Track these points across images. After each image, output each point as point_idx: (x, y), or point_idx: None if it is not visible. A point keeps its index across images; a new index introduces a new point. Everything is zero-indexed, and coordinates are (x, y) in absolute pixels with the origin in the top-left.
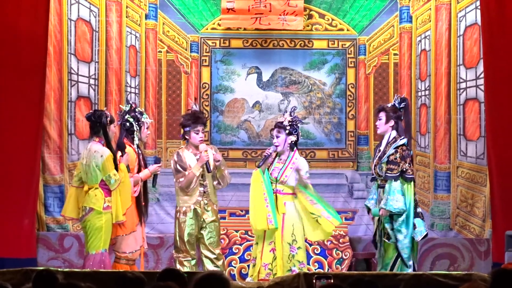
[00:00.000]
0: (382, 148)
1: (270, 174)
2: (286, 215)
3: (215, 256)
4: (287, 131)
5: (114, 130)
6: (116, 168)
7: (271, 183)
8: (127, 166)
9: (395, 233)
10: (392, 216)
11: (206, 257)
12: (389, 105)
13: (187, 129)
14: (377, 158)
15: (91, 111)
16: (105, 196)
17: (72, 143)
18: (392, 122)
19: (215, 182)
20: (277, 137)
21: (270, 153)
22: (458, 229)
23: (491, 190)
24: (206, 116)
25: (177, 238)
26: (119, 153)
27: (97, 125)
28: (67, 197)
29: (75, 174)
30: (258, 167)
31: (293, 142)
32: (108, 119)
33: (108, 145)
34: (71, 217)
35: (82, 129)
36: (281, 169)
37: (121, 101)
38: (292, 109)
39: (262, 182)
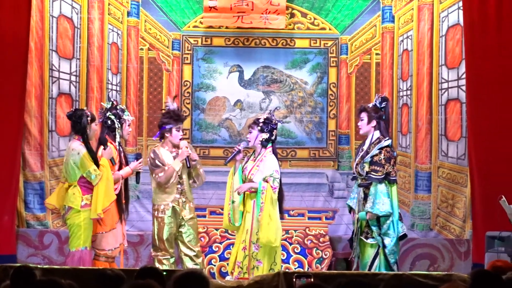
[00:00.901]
0: (365, 147)
1: (243, 171)
2: (252, 213)
3: (194, 254)
4: (259, 128)
5: (95, 128)
6: (97, 164)
7: (243, 180)
8: (112, 159)
9: (382, 237)
10: (379, 219)
11: (186, 255)
12: (370, 105)
13: (169, 126)
14: (359, 157)
15: (72, 110)
16: (82, 194)
17: (53, 139)
18: (374, 122)
19: (190, 181)
20: (250, 132)
21: (239, 150)
22: (438, 229)
23: (471, 190)
24: (187, 114)
25: (156, 237)
26: (101, 148)
27: (78, 124)
28: (56, 189)
29: (62, 171)
30: (225, 163)
31: (264, 140)
32: (89, 118)
33: (85, 144)
34: (53, 205)
35: (63, 126)
36: (251, 166)
37: (102, 98)
38: (274, 109)
39: (231, 179)
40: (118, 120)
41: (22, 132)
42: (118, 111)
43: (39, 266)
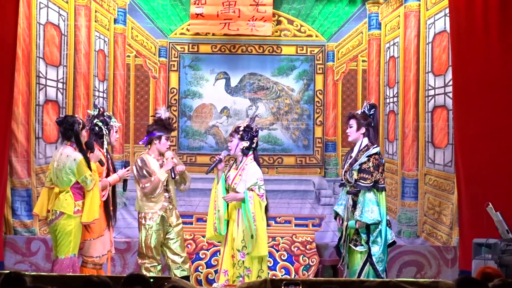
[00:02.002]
0: (353, 155)
1: (226, 180)
2: (237, 222)
3: (182, 260)
4: (239, 136)
5: (84, 135)
6: (90, 169)
7: (226, 189)
8: (101, 160)
9: (370, 245)
10: (369, 227)
11: (173, 262)
12: (359, 112)
13: (159, 134)
14: (347, 164)
15: (62, 117)
16: (75, 200)
17: (40, 147)
18: (363, 129)
19: (182, 185)
20: (231, 141)
21: (220, 159)
22: (425, 236)
23: (458, 197)
24: (174, 121)
25: (143, 244)
26: (89, 152)
27: (69, 132)
28: (40, 196)
29: (47, 175)
30: (207, 172)
31: (245, 148)
32: (80, 126)
33: (80, 150)
34: (44, 216)
35: (49, 133)
36: (233, 175)
37: (89, 105)
38: (254, 116)
39: (215, 189)
40: (105, 127)
41: (9, 139)
42: (105, 117)
43: (26, 273)
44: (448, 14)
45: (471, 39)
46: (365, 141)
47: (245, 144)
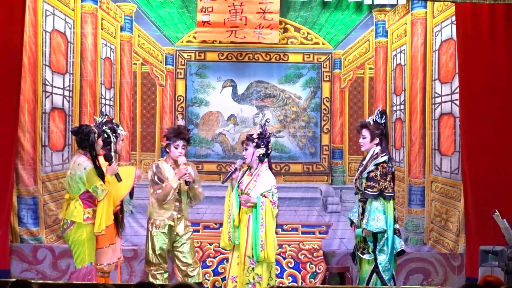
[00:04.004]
0: (364, 162)
1: (238, 186)
2: (248, 228)
3: (190, 268)
4: (254, 144)
5: (101, 143)
6: (103, 180)
7: (239, 195)
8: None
9: (377, 253)
10: (376, 236)
11: (180, 269)
12: (370, 121)
13: (168, 142)
14: (358, 172)
15: (76, 126)
16: (84, 208)
17: (46, 154)
18: (377, 140)
19: (187, 200)
20: (246, 149)
21: (236, 168)
22: (432, 243)
23: (465, 205)
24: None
25: (149, 251)
26: (107, 164)
27: (85, 142)
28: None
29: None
30: (223, 182)
31: (261, 155)
32: (96, 134)
33: (93, 160)
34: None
35: (56, 140)
36: (247, 182)
37: (96, 113)
38: (264, 122)
39: (229, 197)
40: (113, 134)
41: (15, 147)
42: (113, 125)
43: (33, 281)
44: (454, 22)
45: (477, 46)
46: (377, 149)
47: (261, 151)
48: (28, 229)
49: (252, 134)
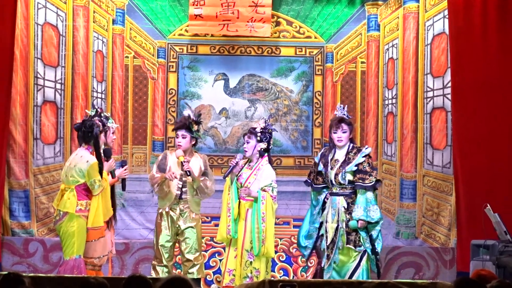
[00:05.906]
0: (339, 157)
1: (237, 179)
2: (247, 222)
3: (191, 263)
4: (257, 138)
5: (103, 139)
6: (101, 175)
7: (237, 188)
8: (113, 172)
9: (376, 244)
10: (367, 227)
11: (183, 264)
12: (345, 115)
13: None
14: (337, 167)
15: (79, 122)
16: (78, 199)
17: (38, 147)
18: (351, 134)
19: (193, 193)
20: (247, 142)
21: (237, 162)
22: (423, 237)
23: (456, 199)
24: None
25: (154, 242)
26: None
27: (89, 135)
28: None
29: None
30: (224, 177)
31: (262, 150)
32: (99, 129)
33: (97, 154)
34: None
35: (47, 134)
36: (247, 175)
37: (87, 106)
38: (268, 117)
39: (229, 191)
40: (102, 127)
41: (6, 140)
42: (102, 118)
43: (24, 274)
44: (447, 16)
45: (469, 41)
46: (350, 143)
47: (263, 145)
48: (19, 222)
49: (256, 128)
